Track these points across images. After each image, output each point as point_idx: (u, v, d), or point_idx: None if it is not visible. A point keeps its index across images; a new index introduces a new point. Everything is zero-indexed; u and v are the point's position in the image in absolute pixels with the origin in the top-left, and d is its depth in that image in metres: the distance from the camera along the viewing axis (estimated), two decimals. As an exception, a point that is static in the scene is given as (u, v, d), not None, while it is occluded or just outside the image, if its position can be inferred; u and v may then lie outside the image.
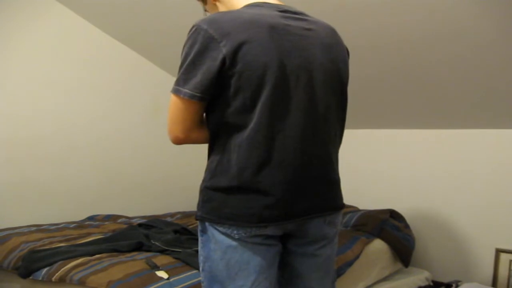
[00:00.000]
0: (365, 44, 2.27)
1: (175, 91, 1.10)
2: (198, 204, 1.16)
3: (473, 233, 2.60)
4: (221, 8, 1.25)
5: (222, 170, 1.11)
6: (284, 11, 1.16)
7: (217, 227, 1.12)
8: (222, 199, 1.11)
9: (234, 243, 1.11)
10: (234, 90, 1.06)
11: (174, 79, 1.12)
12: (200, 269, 1.19)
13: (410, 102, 2.64)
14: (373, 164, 3.05)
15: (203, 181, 1.16)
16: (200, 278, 1.63)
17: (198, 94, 1.07)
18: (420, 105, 2.64)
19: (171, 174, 3.22)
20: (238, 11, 1.13)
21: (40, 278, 1.75)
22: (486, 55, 2.08)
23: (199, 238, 1.18)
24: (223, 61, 1.04)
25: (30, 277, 1.78)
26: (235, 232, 1.10)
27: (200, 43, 1.05)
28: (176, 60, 1.13)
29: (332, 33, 1.23)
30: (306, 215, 1.14)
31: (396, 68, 2.40)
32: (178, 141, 1.17)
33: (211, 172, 1.14)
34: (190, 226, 2.43)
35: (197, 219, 1.17)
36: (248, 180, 1.08)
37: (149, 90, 3.09)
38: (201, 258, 1.18)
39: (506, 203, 2.48)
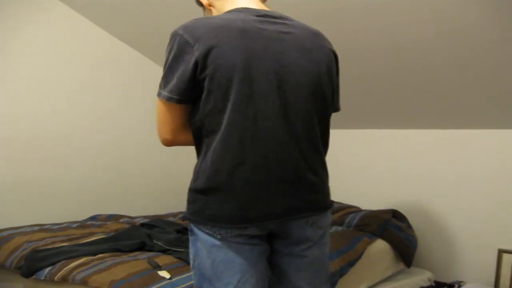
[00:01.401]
0: (365, 44, 2.27)
1: (157, 94, 1.15)
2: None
3: (476, 233, 2.60)
4: (214, 13, 1.29)
5: (203, 173, 1.14)
6: (262, 15, 1.18)
7: (201, 228, 1.15)
8: (203, 200, 1.14)
9: (218, 242, 1.13)
10: (206, 93, 1.10)
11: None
12: (191, 266, 1.22)
13: (411, 102, 2.64)
14: (374, 164, 3.04)
15: (190, 183, 1.19)
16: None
17: (175, 97, 1.11)
18: (421, 105, 2.64)
19: (174, 174, 3.22)
20: (215, 17, 1.17)
21: (43, 278, 1.75)
22: (487, 55, 2.07)
23: (189, 237, 1.21)
24: (196, 64, 1.08)
25: (33, 277, 1.79)
26: (217, 232, 1.13)
27: (176, 47, 1.10)
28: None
29: (314, 36, 1.22)
30: (284, 217, 1.16)
31: (396, 68, 2.40)
32: (166, 143, 1.21)
33: (195, 175, 1.17)
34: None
35: (183, 220, 1.19)
36: (224, 182, 1.11)
37: (152, 90, 3.08)
38: (191, 256, 1.21)
39: (508, 204, 2.47)
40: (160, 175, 3.17)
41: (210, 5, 1.30)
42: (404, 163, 2.90)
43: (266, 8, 1.24)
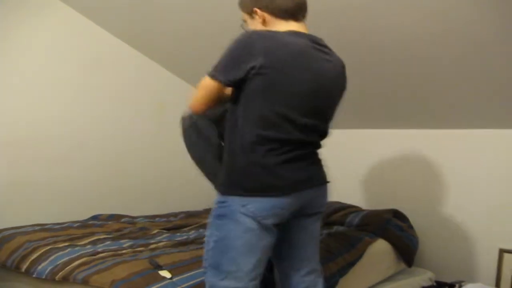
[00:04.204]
0: (364, 44, 2.27)
1: None
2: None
3: (477, 233, 2.59)
4: (263, 28, 1.49)
5: None
6: (313, 41, 1.45)
7: (244, 211, 1.36)
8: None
9: (255, 226, 1.37)
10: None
11: (179, 79, 1.13)
12: (208, 248, 1.42)
13: (412, 102, 2.64)
14: (375, 164, 3.04)
15: None
16: (203, 278, 1.64)
17: None
18: (422, 105, 2.64)
19: (175, 174, 3.21)
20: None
21: (44, 277, 1.75)
22: (487, 55, 2.07)
23: (217, 222, 1.41)
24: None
25: (34, 276, 1.79)
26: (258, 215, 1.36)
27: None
28: (179, 60, 1.14)
29: (343, 67, 1.58)
30: None
31: (396, 69, 2.40)
32: None
33: None
34: (194, 226, 2.43)
35: None
36: None
37: (154, 90, 3.09)
38: (213, 239, 1.41)
39: (509, 203, 2.47)
40: (161, 175, 3.17)
41: (265, 21, 1.49)
42: (404, 163, 2.90)
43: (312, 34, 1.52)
